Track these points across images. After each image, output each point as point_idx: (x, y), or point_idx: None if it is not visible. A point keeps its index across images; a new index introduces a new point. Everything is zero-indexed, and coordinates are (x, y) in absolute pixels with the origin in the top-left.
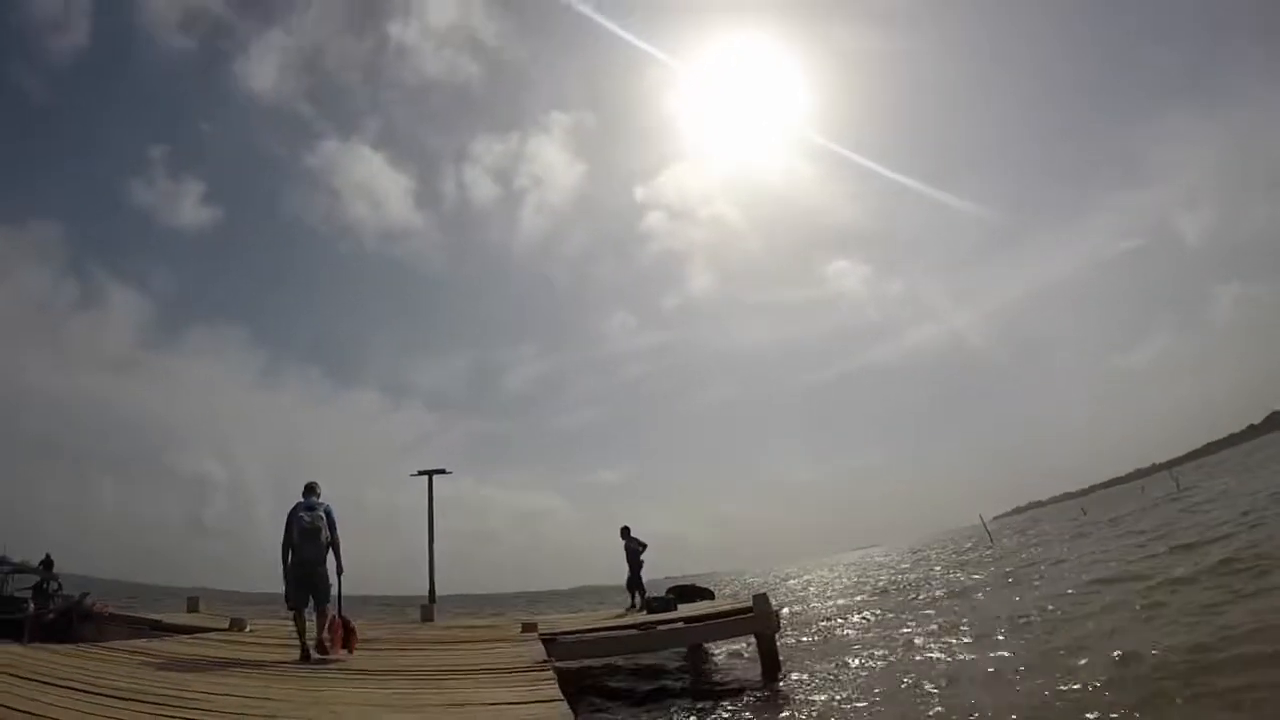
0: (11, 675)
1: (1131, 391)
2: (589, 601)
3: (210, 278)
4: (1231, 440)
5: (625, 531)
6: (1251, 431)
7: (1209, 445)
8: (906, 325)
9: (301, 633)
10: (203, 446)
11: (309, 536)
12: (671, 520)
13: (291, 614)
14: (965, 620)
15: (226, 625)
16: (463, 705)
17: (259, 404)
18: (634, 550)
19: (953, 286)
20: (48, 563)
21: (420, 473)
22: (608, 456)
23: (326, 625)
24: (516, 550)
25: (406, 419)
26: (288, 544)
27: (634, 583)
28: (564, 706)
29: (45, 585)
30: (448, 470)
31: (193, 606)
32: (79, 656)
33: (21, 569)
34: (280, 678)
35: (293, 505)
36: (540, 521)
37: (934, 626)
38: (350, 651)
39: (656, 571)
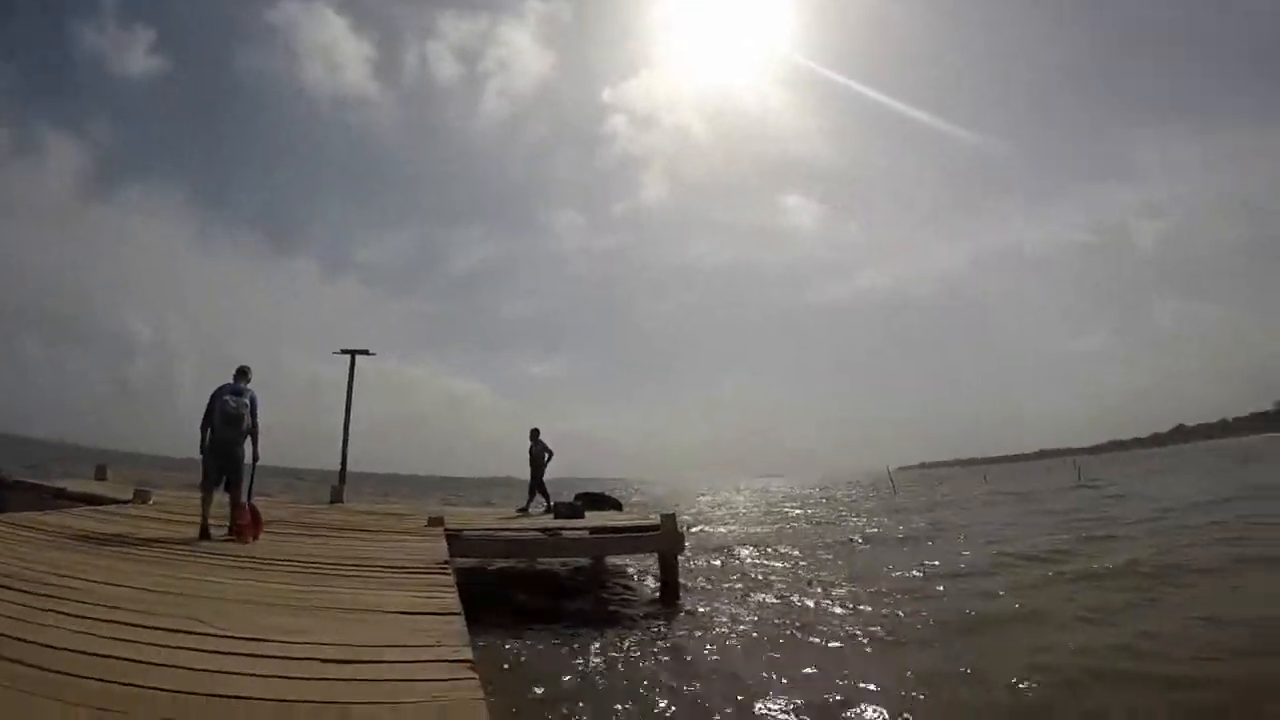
0: None
1: (1055, 377)
2: (504, 493)
3: (154, 132)
4: (1138, 443)
5: (534, 434)
6: (1156, 440)
7: (1114, 443)
8: (855, 269)
9: (205, 512)
10: (134, 306)
11: (231, 421)
12: (595, 422)
13: (201, 494)
14: (858, 566)
15: (130, 497)
16: (354, 610)
17: (194, 266)
18: (539, 455)
19: (907, 240)
20: None
21: (343, 351)
22: (542, 351)
23: (236, 509)
24: (442, 434)
25: (343, 292)
26: (208, 424)
27: (536, 485)
28: (460, 622)
29: None
30: (371, 352)
31: (100, 474)
32: None
33: None
34: (172, 564)
35: (218, 386)
36: (468, 408)
37: (828, 569)
38: (255, 539)
39: (572, 470)
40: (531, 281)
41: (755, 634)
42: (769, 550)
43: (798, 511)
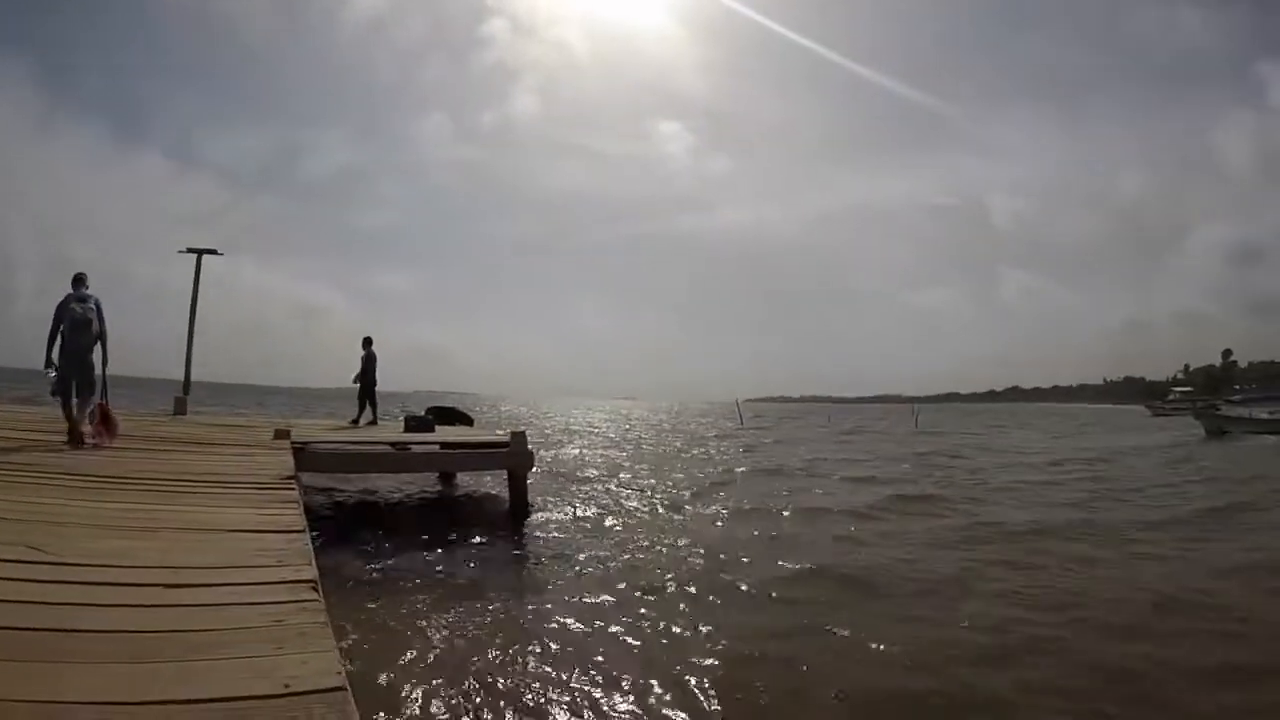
0: None
1: (900, 328)
2: (353, 406)
3: None
4: (972, 398)
5: (367, 342)
6: (991, 395)
7: (953, 394)
8: (721, 205)
9: (69, 417)
10: None
11: (80, 328)
12: (447, 338)
13: (59, 400)
14: (713, 488)
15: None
16: (197, 530)
17: (28, 154)
18: (369, 364)
19: (776, 183)
20: None
21: (189, 250)
22: (396, 263)
23: (89, 414)
24: (290, 343)
25: (192, 189)
26: (55, 334)
27: (367, 396)
28: (304, 539)
29: None
30: (219, 252)
31: None
32: None
33: None
34: (5, 486)
35: (63, 297)
36: (318, 317)
37: (679, 487)
38: (112, 438)
39: (422, 384)
40: (391, 189)
41: (595, 544)
42: (615, 466)
43: (645, 434)
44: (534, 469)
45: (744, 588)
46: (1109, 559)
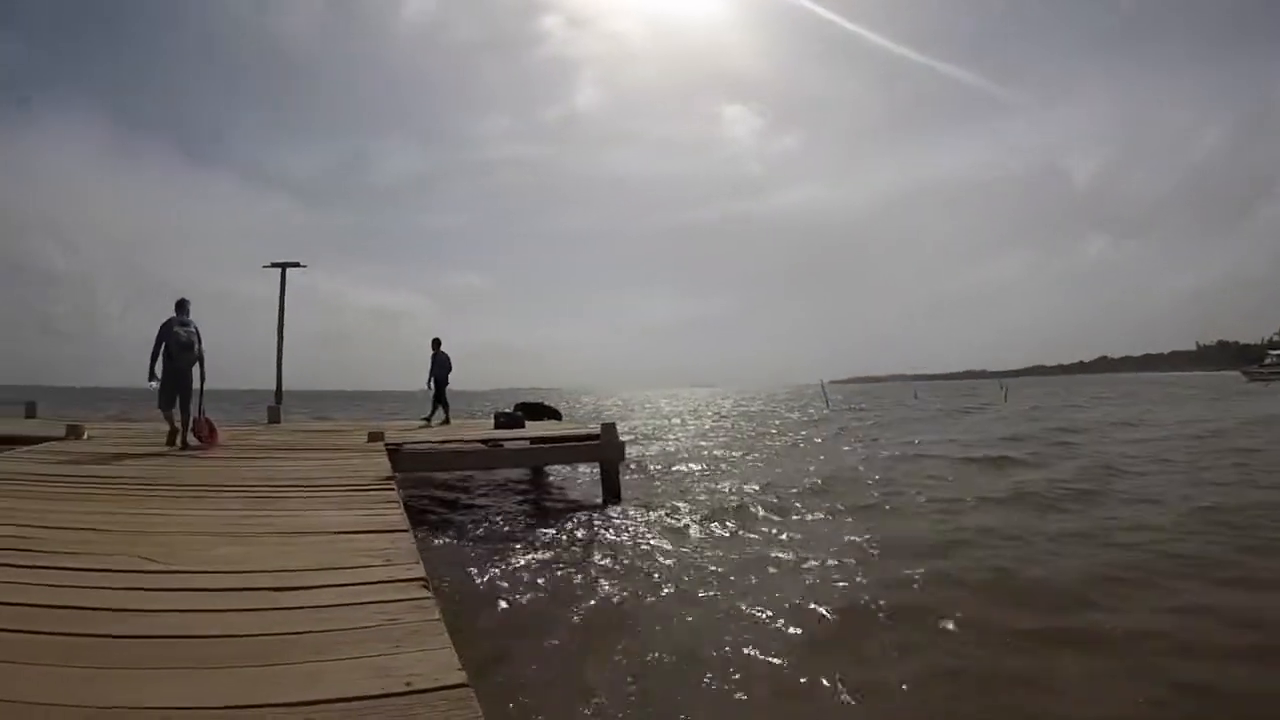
0: None
1: (982, 301)
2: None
3: (55, 40)
4: (1058, 370)
5: (436, 344)
6: (1080, 366)
7: (1038, 368)
8: (786, 185)
9: (172, 425)
10: (46, 233)
11: (185, 348)
12: (522, 331)
13: (163, 413)
14: (806, 478)
15: (63, 434)
16: (302, 533)
17: (109, 186)
18: (442, 365)
19: (840, 160)
20: None
21: (273, 264)
22: (473, 261)
23: (191, 424)
24: (374, 347)
25: (266, 207)
26: (162, 353)
27: (439, 396)
28: (409, 539)
29: None
30: (302, 264)
31: (30, 412)
32: None
33: None
34: (113, 500)
35: (166, 320)
36: (394, 321)
37: (771, 481)
38: (212, 445)
39: (501, 380)
40: (459, 191)
41: (690, 534)
42: (706, 458)
43: (737, 424)
44: (625, 458)
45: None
46: None
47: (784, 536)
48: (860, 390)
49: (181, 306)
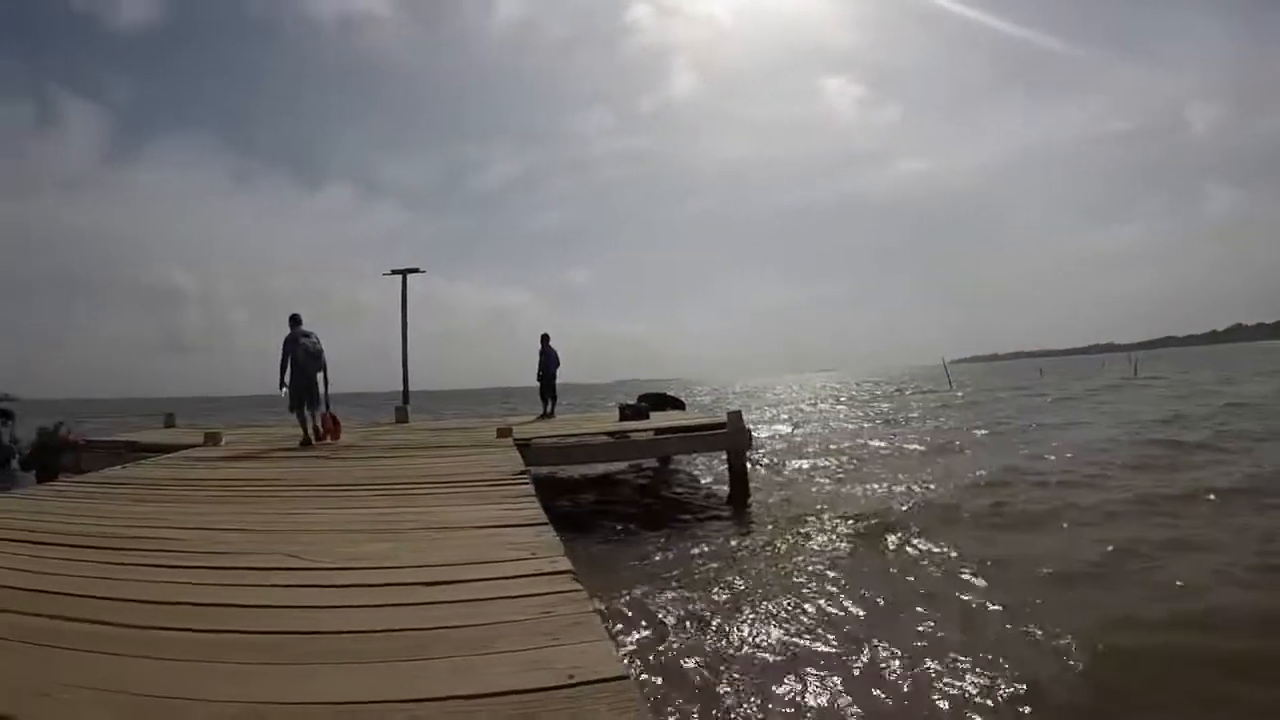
0: None
1: (1102, 269)
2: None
3: (167, 83)
4: (1190, 340)
5: (545, 339)
6: (1213, 336)
7: (1168, 339)
8: (893, 158)
9: (304, 425)
10: (173, 259)
11: (312, 357)
12: (636, 323)
13: (295, 415)
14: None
15: (202, 440)
16: (445, 528)
17: (228, 211)
18: (550, 358)
19: (946, 128)
20: None
21: (394, 272)
22: (583, 257)
23: (319, 422)
24: (486, 345)
25: (376, 217)
26: (290, 363)
27: (548, 390)
28: (551, 532)
29: None
30: (421, 269)
31: (169, 422)
32: (47, 499)
33: None
34: (254, 501)
35: (290, 334)
36: (510, 318)
37: (914, 474)
38: (337, 438)
39: (620, 373)
40: (563, 188)
41: (823, 526)
42: (829, 446)
43: (864, 411)
44: (752, 447)
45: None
46: None
47: (964, 564)
48: (983, 369)
49: (298, 320)
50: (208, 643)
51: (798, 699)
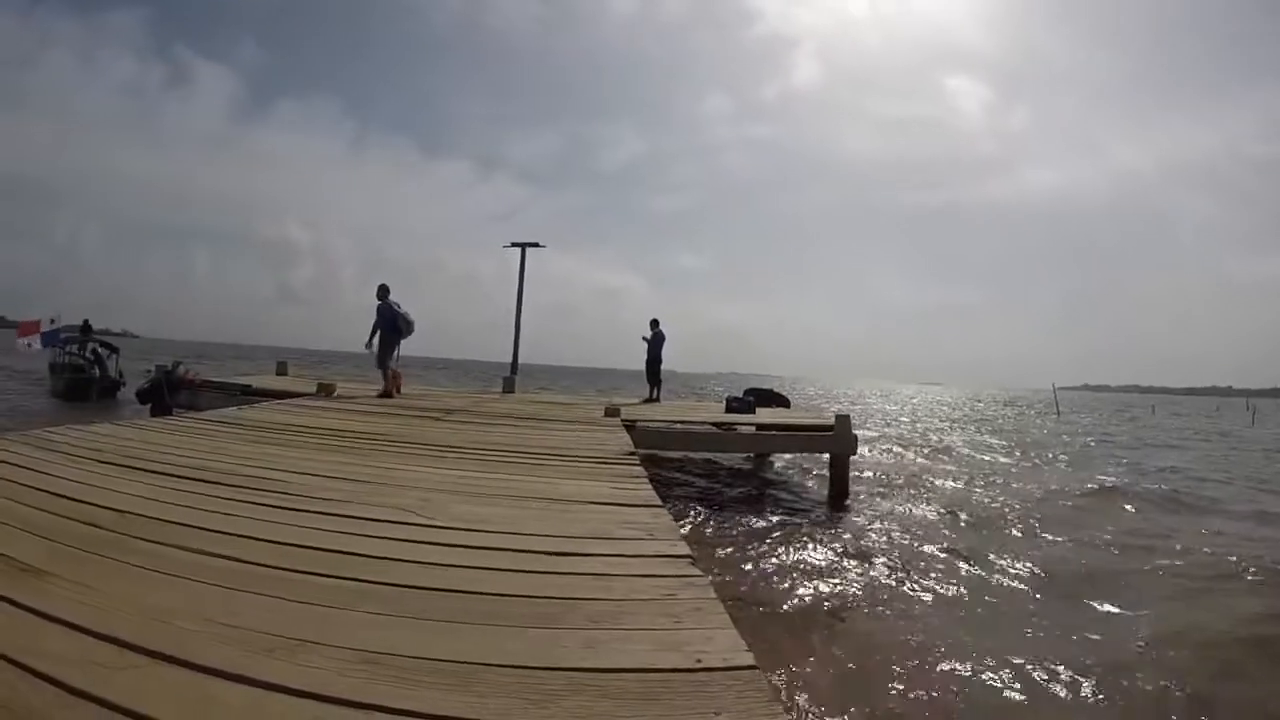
0: (96, 460)
1: (1234, 305)
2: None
3: (295, 48)
4: None
5: (654, 324)
6: None
7: None
8: (1022, 164)
9: (386, 380)
10: (292, 217)
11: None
12: (743, 315)
13: (381, 370)
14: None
15: (314, 390)
16: (557, 500)
17: (348, 175)
18: (657, 343)
19: (1078, 135)
20: (86, 328)
21: (513, 244)
22: (693, 243)
23: (393, 377)
24: (592, 326)
25: (495, 190)
26: (376, 327)
27: (654, 373)
28: (667, 515)
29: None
30: (541, 244)
31: (282, 370)
32: (167, 431)
33: (76, 338)
34: (366, 453)
35: (380, 304)
36: (618, 299)
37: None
38: (398, 391)
39: (721, 364)
40: (682, 173)
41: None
42: (941, 465)
43: (978, 433)
44: (857, 452)
45: None
46: None
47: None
48: (1095, 399)
49: (387, 290)
50: (328, 588)
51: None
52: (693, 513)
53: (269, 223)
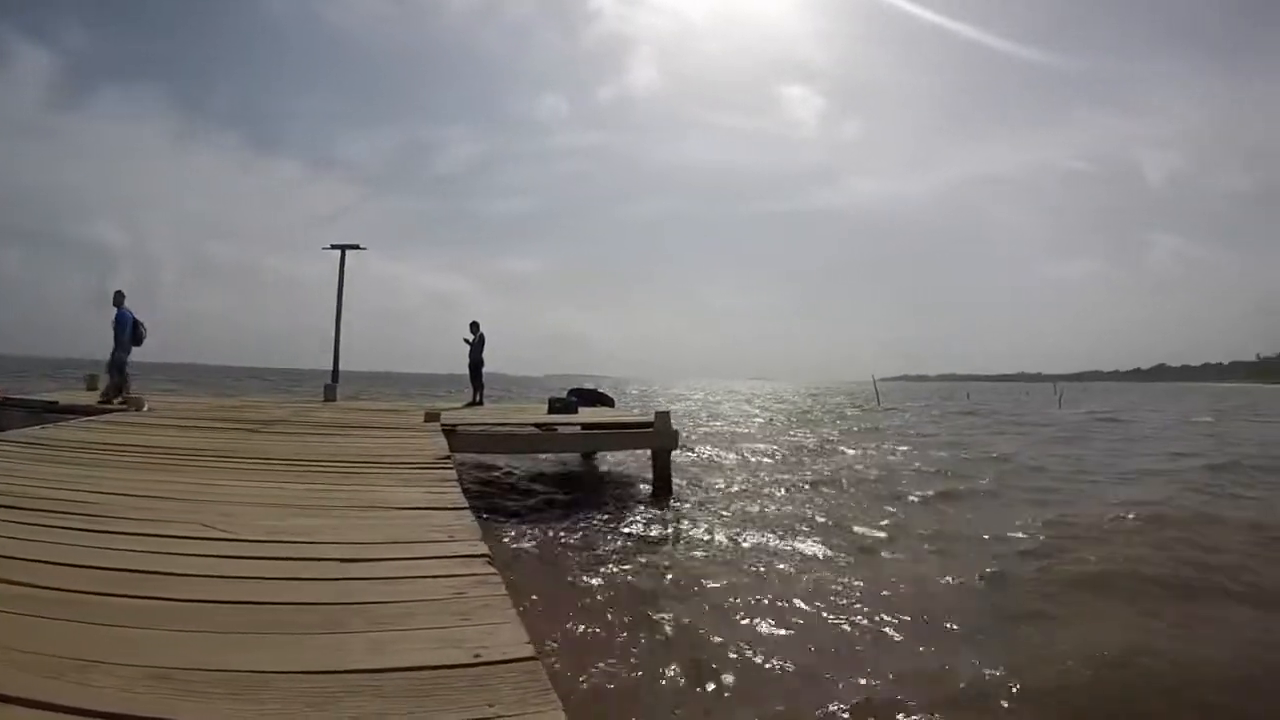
0: None
1: (1038, 302)
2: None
3: (123, 32)
4: (1116, 375)
5: (474, 326)
6: (1137, 374)
7: (1093, 373)
8: (851, 173)
9: (125, 382)
10: (112, 215)
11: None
12: (575, 318)
13: (121, 375)
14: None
15: (124, 405)
16: (364, 508)
17: (172, 170)
18: (478, 346)
19: (907, 148)
20: None
21: (333, 246)
22: (531, 248)
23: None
24: (422, 331)
25: (325, 191)
26: (127, 334)
27: (476, 376)
28: (470, 516)
29: None
30: (362, 246)
31: (91, 385)
32: None
33: None
34: (174, 470)
35: (119, 312)
36: (452, 305)
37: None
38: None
39: (552, 367)
40: (516, 177)
41: (735, 526)
42: (756, 452)
43: (789, 418)
44: (678, 447)
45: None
46: None
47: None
48: (913, 389)
49: (123, 296)
50: (126, 608)
51: None
52: (506, 512)
53: (81, 222)
